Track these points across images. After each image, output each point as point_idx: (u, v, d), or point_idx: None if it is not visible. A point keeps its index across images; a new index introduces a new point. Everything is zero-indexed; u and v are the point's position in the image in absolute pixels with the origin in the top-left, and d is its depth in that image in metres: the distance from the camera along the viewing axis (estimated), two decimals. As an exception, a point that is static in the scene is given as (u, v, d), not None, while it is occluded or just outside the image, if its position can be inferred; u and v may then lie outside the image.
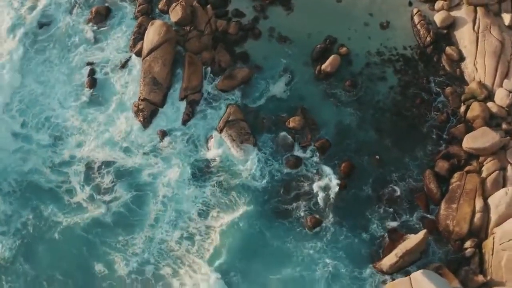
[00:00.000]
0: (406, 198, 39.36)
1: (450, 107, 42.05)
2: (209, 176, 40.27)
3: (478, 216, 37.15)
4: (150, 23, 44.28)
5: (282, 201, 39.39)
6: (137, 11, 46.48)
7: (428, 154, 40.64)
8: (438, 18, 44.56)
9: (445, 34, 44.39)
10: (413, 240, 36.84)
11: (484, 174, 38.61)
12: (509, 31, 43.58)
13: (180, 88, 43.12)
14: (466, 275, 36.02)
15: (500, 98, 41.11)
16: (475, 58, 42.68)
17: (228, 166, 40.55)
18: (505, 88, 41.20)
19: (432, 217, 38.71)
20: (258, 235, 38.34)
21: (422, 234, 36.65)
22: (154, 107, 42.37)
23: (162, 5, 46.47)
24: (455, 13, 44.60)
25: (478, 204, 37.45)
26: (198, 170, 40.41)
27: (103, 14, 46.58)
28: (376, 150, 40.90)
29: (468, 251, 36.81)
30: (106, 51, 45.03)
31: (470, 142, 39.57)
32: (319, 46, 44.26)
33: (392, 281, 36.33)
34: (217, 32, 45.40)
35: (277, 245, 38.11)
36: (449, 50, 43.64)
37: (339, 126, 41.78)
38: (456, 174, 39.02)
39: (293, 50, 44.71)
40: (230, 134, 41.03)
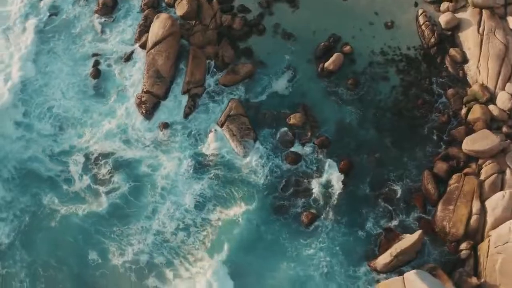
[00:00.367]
0: (404, 198, 39.44)
1: (452, 109, 42.03)
2: (208, 169, 40.50)
3: (474, 218, 37.16)
4: (156, 16, 44.66)
5: (280, 196, 39.59)
6: (143, 4, 46.90)
7: (427, 155, 40.67)
8: (443, 19, 44.52)
9: (449, 36, 44.37)
10: (408, 240, 36.95)
11: (482, 177, 38.61)
12: (513, 34, 43.66)
13: (183, 81, 43.47)
14: (460, 277, 36.03)
15: (502, 101, 41.07)
16: (479, 60, 42.64)
17: (228, 160, 40.81)
18: (507, 91, 41.19)
19: (428, 217, 38.76)
20: (255, 230, 38.54)
21: (417, 235, 36.78)
22: (157, 100, 42.73)
23: (168, -2, 46.98)
24: (460, 15, 44.54)
25: (475, 206, 37.46)
26: (198, 164, 40.66)
27: (110, 6, 47.00)
28: (375, 149, 40.98)
29: (463, 253, 36.87)
30: (111, 43, 45.48)
31: (469, 144, 39.55)
32: (323, 44, 44.38)
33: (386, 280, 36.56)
34: (222, 27, 45.66)
35: (273, 239, 38.34)
36: (453, 51, 43.60)
37: (340, 124, 41.92)
38: (454, 176, 39.02)
39: (296, 47, 44.87)
40: (231, 129, 41.30)
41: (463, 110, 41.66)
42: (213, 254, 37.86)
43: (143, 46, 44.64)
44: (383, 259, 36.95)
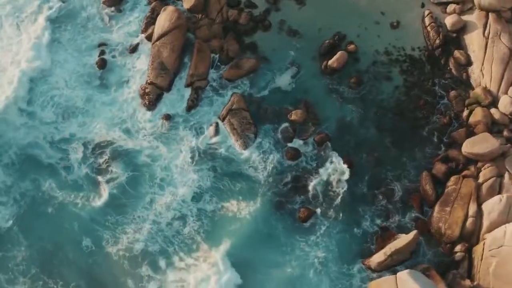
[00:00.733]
0: (401, 198, 39.52)
1: (453, 111, 41.98)
2: (208, 162, 40.76)
3: (470, 221, 37.20)
4: (163, 9, 44.86)
5: (278, 191, 39.77)
6: (151, -4, 47.23)
7: (426, 156, 40.69)
8: (449, 21, 44.39)
9: (454, 38, 44.22)
10: (403, 240, 37.10)
11: (480, 180, 38.56)
12: (519, 39, 43.51)
13: (186, 74, 43.78)
14: (454, 279, 36.09)
15: (504, 105, 40.95)
16: (483, 63, 42.54)
17: (227, 154, 41.06)
18: (510, 95, 41.03)
19: (425, 218, 38.85)
20: (251, 224, 38.80)
21: (412, 235, 36.91)
22: (160, 92, 43.06)
23: (176, -9, 47.21)
24: (467, 17, 44.40)
25: (472, 209, 37.49)
26: (198, 156, 40.90)
27: (118, -3, 47.47)
28: (375, 148, 41.08)
29: (458, 255, 36.94)
30: (117, 34, 45.69)
31: (469, 146, 39.53)
32: (328, 42, 44.46)
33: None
34: (228, 21, 45.79)
35: (269, 233, 38.59)
36: (457, 54, 43.51)
37: (341, 122, 42.02)
38: (452, 178, 39.05)
39: (301, 44, 44.93)
40: (232, 123, 41.56)
41: (465, 113, 41.58)
42: (208, 246, 38.16)
43: (149, 38, 44.89)
44: (377, 258, 37.13)
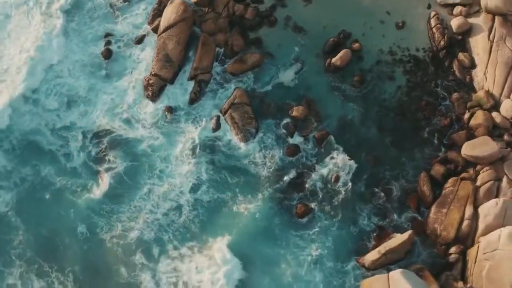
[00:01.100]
0: (399, 198, 39.61)
1: (455, 113, 41.98)
2: (207, 155, 41.04)
3: (466, 223, 37.23)
4: (170, 1, 45.14)
5: (276, 186, 40.00)
6: (159, -11, 47.54)
7: (426, 157, 40.72)
8: (455, 23, 44.31)
9: (459, 40, 44.14)
10: (398, 239, 37.23)
11: (478, 183, 38.52)
12: (525, 43, 43.34)
13: (190, 67, 44.10)
14: (447, 280, 36.19)
15: (505, 109, 40.86)
16: (486, 67, 42.45)
17: (227, 147, 41.37)
18: (512, 99, 41.13)
19: (421, 219, 38.92)
20: (248, 217, 39.09)
21: (407, 235, 37.04)
22: (164, 83, 43.39)
23: (184, -16, 47.43)
24: (473, 20, 44.29)
25: (468, 211, 37.51)
26: (198, 149, 41.20)
27: (126, -12, 47.80)
28: (375, 148, 41.20)
29: (452, 257, 36.98)
30: (124, 25, 46.07)
31: (468, 149, 39.51)
32: (332, 40, 44.55)
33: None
34: (234, 16, 45.99)
35: (265, 227, 38.84)
36: (461, 56, 43.47)
37: (342, 120, 42.15)
38: (450, 180, 39.07)
39: (306, 40, 45.05)
40: (233, 117, 41.81)
41: (466, 115, 41.55)
42: (204, 237, 38.59)
43: (155, 30, 45.24)
44: (371, 256, 37.31)
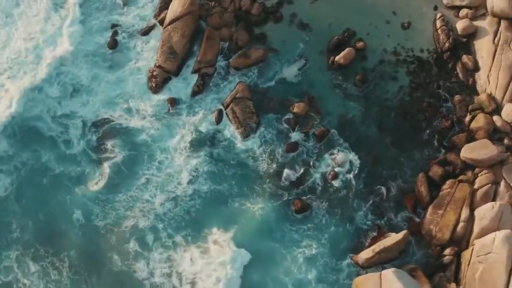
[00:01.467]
0: (396, 198, 39.81)
1: (456, 115, 41.95)
2: (207, 148, 41.50)
3: (461, 225, 37.29)
4: (177, -6, 45.65)
5: (274, 181, 40.36)
6: (166, -18, 47.82)
7: (425, 158, 40.81)
8: (460, 25, 44.24)
9: (464, 42, 44.09)
10: (392, 238, 37.39)
11: (476, 186, 38.57)
12: (529, 48, 43.16)
13: (194, 60, 44.41)
14: (440, 281, 36.35)
15: (507, 113, 40.76)
16: (490, 70, 42.35)
17: (228, 141, 41.80)
18: (514, 103, 41.00)
19: (417, 219, 38.99)
20: (244, 210, 39.61)
21: (402, 234, 37.23)
22: (167, 75, 43.81)
23: (191, -22, 47.73)
24: (478, 23, 44.21)
25: (464, 214, 37.54)
26: (198, 141, 41.67)
27: (134, -20, 48.18)
28: (374, 147, 41.31)
29: (446, 258, 37.06)
30: (131, 16, 46.70)
31: (467, 152, 39.50)
32: (337, 38, 44.65)
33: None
34: (240, 11, 46.30)
35: (261, 220, 39.24)
36: (465, 58, 43.36)
37: (342, 118, 42.31)
38: (448, 181, 39.10)
39: (311, 37, 45.24)
40: (235, 111, 42.08)
41: (467, 118, 41.51)
42: (200, 228, 39.04)
43: (162, 22, 45.64)
44: (365, 254, 37.50)
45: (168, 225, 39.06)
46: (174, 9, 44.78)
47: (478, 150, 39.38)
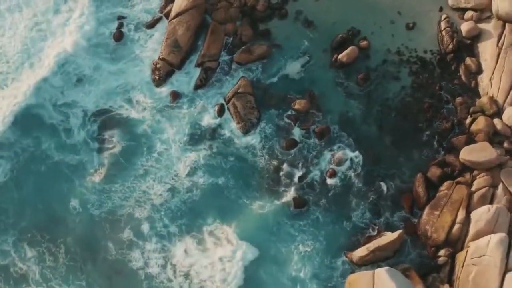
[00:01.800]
0: (393, 197, 39.92)
1: (457, 117, 41.85)
2: (207, 141, 41.80)
3: (457, 227, 37.33)
4: (183, -13, 45.88)
5: (272, 177, 40.61)
6: (173, -25, 48.04)
7: (423, 159, 40.80)
8: (465, 27, 44.09)
9: (468, 45, 43.91)
10: (387, 237, 37.51)
11: (473, 188, 38.55)
12: (533, 52, 43.00)
13: (198, 54, 44.67)
14: (433, 282, 36.51)
15: (508, 116, 40.65)
16: (493, 73, 42.21)
17: (228, 135, 42.05)
18: (515, 107, 40.88)
19: (414, 219, 39.07)
20: (241, 204, 39.92)
21: (397, 234, 37.34)
22: (171, 68, 44.08)
23: (198, -29, 47.93)
24: (483, 25, 44.02)
25: (460, 215, 37.54)
26: (198, 135, 42.01)
27: (141, -27, 48.41)
28: (374, 146, 41.36)
29: (441, 259, 37.16)
30: (136, 9, 46.91)
31: (466, 154, 39.46)
32: (341, 36, 44.66)
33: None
34: (245, 6, 46.37)
35: (258, 215, 39.52)
36: (468, 61, 43.25)
37: (343, 116, 42.37)
38: (446, 183, 39.12)
39: (315, 35, 45.25)
40: (236, 106, 42.29)
41: (468, 120, 41.43)
42: (196, 219, 39.45)
43: (167, 16, 45.88)
44: (360, 252, 37.65)
45: (164, 215, 39.44)
46: (180, 2, 45.03)
47: (477, 152, 39.35)
